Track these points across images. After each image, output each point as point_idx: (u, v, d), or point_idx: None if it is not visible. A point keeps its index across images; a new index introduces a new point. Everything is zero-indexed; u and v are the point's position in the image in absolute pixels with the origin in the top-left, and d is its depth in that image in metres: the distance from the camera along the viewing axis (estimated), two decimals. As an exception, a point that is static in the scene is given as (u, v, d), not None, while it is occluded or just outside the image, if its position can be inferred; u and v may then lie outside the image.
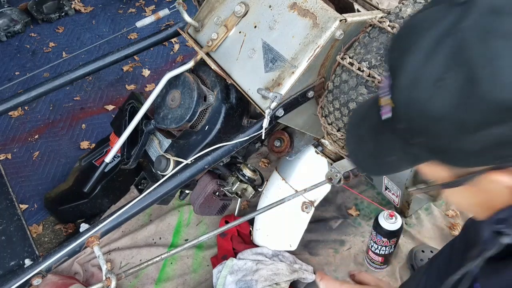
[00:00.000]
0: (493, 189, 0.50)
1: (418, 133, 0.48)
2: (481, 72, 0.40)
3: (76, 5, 2.99)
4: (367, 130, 0.58)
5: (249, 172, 1.44)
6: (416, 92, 0.45)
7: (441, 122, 0.44)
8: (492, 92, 0.40)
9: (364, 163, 0.60)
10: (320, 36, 1.05)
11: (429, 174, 0.55)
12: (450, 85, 0.42)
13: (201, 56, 1.24)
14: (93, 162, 1.75)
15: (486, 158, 0.46)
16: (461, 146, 0.45)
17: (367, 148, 0.58)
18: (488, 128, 0.42)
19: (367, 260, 1.57)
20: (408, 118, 0.48)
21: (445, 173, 0.51)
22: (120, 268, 1.62)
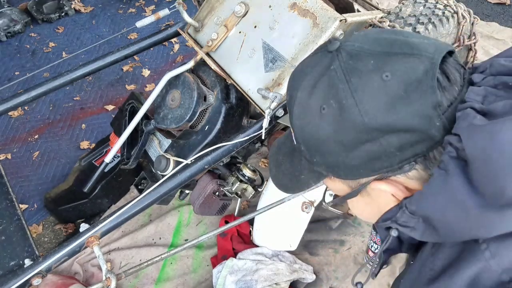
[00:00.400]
0: (381, 196, 0.58)
1: (314, 153, 0.57)
2: (347, 103, 0.50)
3: (76, 5, 2.99)
4: (283, 154, 0.69)
5: (249, 172, 1.44)
6: (305, 120, 0.56)
7: (327, 142, 0.54)
8: (357, 118, 0.50)
9: (284, 182, 0.70)
10: (320, 36, 1.05)
11: (333, 188, 0.64)
12: (328, 113, 0.52)
13: (201, 56, 1.24)
14: (93, 162, 1.75)
15: (365, 171, 0.55)
16: (346, 162, 0.54)
17: (285, 169, 0.69)
18: (361, 146, 0.52)
19: (367, 260, 1.57)
20: (303, 141, 0.58)
21: (343, 186, 0.61)
22: (120, 268, 1.62)
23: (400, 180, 0.55)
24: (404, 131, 0.50)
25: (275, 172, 0.72)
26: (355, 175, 0.57)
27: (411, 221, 0.55)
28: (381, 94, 0.49)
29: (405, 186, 0.56)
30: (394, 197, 0.57)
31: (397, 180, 0.55)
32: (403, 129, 0.50)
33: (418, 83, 0.49)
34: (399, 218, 0.56)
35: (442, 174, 0.49)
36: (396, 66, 0.50)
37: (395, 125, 0.49)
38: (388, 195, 0.57)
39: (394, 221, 0.57)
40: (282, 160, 0.70)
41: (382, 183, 0.56)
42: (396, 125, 0.49)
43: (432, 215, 0.51)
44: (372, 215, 0.64)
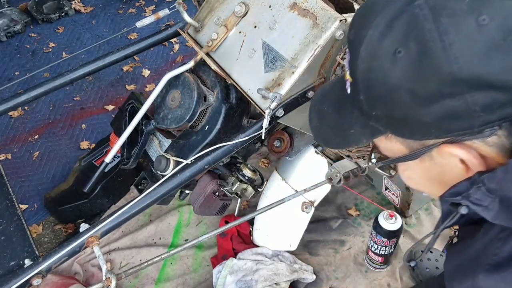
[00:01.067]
0: (446, 163, 0.51)
1: (376, 104, 0.50)
2: (433, 46, 0.43)
3: (76, 5, 2.99)
4: (330, 105, 0.61)
5: (249, 172, 1.44)
6: (374, 63, 0.48)
7: (397, 92, 0.47)
8: (444, 65, 0.43)
9: (326, 136, 0.62)
10: (320, 36, 1.05)
11: (386, 148, 0.57)
12: (405, 57, 0.45)
13: (201, 56, 1.24)
14: (93, 162, 1.75)
15: (438, 131, 0.48)
16: (415, 118, 0.47)
17: (330, 121, 0.61)
18: (439, 100, 0.44)
19: (367, 260, 1.57)
20: (366, 89, 0.51)
21: (401, 147, 0.54)
22: (120, 268, 1.62)
23: (476, 145, 0.48)
24: (496, 88, 0.43)
25: (317, 124, 0.64)
26: (423, 135, 0.49)
27: (486, 199, 0.48)
28: (475, 40, 0.42)
29: (480, 153, 0.49)
30: (463, 164, 0.50)
31: (472, 145, 0.48)
32: (495, 84, 0.42)
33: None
34: (472, 195, 0.49)
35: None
36: (495, 8, 0.42)
37: (487, 79, 0.42)
38: (457, 162, 0.50)
39: (465, 197, 0.50)
40: (327, 111, 0.62)
41: (454, 147, 0.49)
42: (488, 79, 0.42)
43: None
44: (428, 183, 0.58)
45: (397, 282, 1.52)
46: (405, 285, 1.52)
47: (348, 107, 0.56)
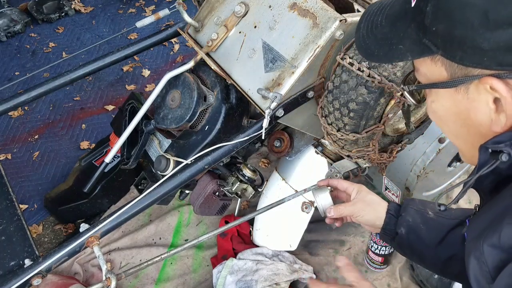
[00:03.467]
0: (479, 99, 0.51)
1: (441, 18, 0.49)
2: None
3: (76, 5, 2.99)
4: (386, 17, 0.59)
5: (249, 172, 1.44)
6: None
7: (468, 9, 0.46)
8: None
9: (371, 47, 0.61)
10: (320, 36, 1.05)
11: (427, 72, 0.56)
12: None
13: (201, 56, 1.24)
14: (93, 162, 1.75)
15: (490, 60, 0.47)
16: (474, 41, 0.46)
17: (380, 33, 0.59)
18: (508, 28, 0.44)
19: (367, 260, 1.57)
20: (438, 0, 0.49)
21: (443, 72, 0.53)
22: (120, 268, 1.62)
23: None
24: None
25: (365, 34, 0.62)
26: (474, 61, 0.48)
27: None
28: None
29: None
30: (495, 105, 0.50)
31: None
32: None
33: None
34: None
35: None
36: None
37: None
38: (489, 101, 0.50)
39: (508, 145, 0.50)
40: (380, 22, 0.60)
41: (498, 82, 0.48)
42: None
43: None
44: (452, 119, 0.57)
45: (397, 282, 1.52)
46: (405, 285, 1.52)
47: (406, 20, 0.55)
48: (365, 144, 1.18)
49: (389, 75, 1.00)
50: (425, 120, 1.28)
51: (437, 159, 1.48)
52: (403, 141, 1.28)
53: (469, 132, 0.56)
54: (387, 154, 1.25)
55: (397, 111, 1.13)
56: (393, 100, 1.07)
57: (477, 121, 0.53)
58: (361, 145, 1.18)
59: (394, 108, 1.09)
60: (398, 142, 1.28)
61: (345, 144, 1.19)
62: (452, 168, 1.62)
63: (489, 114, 0.51)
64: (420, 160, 1.48)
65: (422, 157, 1.48)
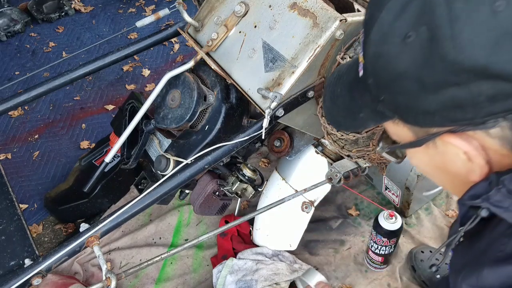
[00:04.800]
0: (449, 152, 0.51)
1: (384, 89, 0.50)
2: (442, 33, 0.42)
3: (76, 5, 2.99)
4: (343, 87, 0.61)
5: (249, 172, 1.44)
6: (384, 47, 0.48)
7: (404, 78, 0.47)
8: (451, 53, 0.42)
9: (338, 118, 0.63)
10: (320, 36, 1.05)
11: (394, 133, 0.57)
12: (415, 42, 0.44)
13: (201, 56, 1.24)
14: (93, 162, 1.75)
15: (441, 119, 0.48)
16: (420, 105, 0.47)
17: (342, 104, 0.61)
18: (445, 89, 0.44)
19: (367, 260, 1.57)
20: (375, 73, 0.50)
21: (408, 132, 0.54)
22: (120, 268, 1.62)
23: (478, 136, 0.48)
24: (503, 79, 0.42)
25: (330, 105, 0.64)
26: (426, 123, 0.49)
27: (507, 201, 0.47)
28: (486, 28, 0.41)
29: (482, 145, 0.48)
30: (466, 156, 0.50)
31: (474, 136, 0.48)
32: (503, 76, 0.41)
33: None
34: (492, 197, 0.48)
35: None
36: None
37: (494, 70, 0.41)
38: (459, 153, 0.50)
39: (485, 200, 0.49)
40: (340, 93, 0.61)
41: (456, 138, 0.48)
42: (495, 70, 0.41)
43: None
44: (434, 171, 0.58)
45: (397, 282, 1.52)
46: (405, 285, 1.52)
47: (360, 90, 0.56)
48: (365, 144, 1.18)
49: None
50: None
51: (437, 159, 1.48)
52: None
53: (453, 181, 0.56)
54: (387, 154, 1.25)
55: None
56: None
57: (456, 171, 0.53)
58: (361, 145, 1.18)
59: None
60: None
61: (345, 144, 1.19)
62: (452, 168, 1.62)
63: (464, 164, 0.51)
64: (420, 160, 1.48)
65: (422, 157, 1.48)
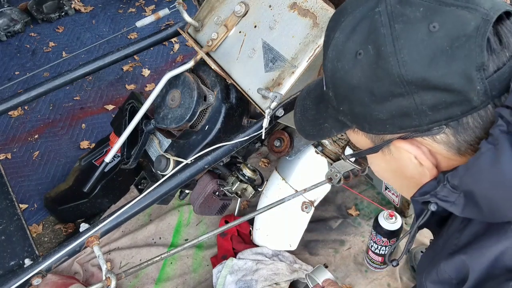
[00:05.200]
0: (403, 157, 0.55)
1: (341, 101, 0.56)
2: (386, 50, 0.48)
3: (76, 5, 2.99)
4: (311, 100, 0.67)
5: (249, 172, 1.44)
6: (339, 64, 0.53)
7: (357, 90, 0.52)
8: (394, 67, 0.47)
9: (306, 128, 0.68)
10: (320, 36, 1.05)
11: (355, 141, 0.62)
12: (364, 59, 0.50)
13: (201, 56, 1.24)
14: (93, 162, 1.75)
15: (392, 127, 0.52)
16: (373, 114, 0.52)
17: (310, 115, 0.67)
18: (391, 99, 0.49)
19: (367, 260, 1.57)
20: (333, 86, 0.56)
21: (366, 140, 0.59)
22: (120, 268, 1.62)
23: (426, 142, 0.52)
24: (441, 90, 0.47)
25: (300, 117, 0.70)
26: (380, 130, 0.54)
27: (452, 195, 0.52)
28: (424, 45, 0.46)
29: (430, 149, 0.53)
30: (416, 160, 0.54)
31: (423, 142, 0.52)
32: (440, 87, 0.47)
33: (466, 39, 0.45)
34: (439, 192, 0.53)
35: (491, 149, 0.46)
36: (446, 17, 0.46)
37: (432, 82, 0.46)
38: (411, 158, 0.54)
39: (433, 195, 0.54)
40: (308, 106, 0.68)
41: (406, 143, 0.53)
42: (434, 82, 0.46)
43: (477, 191, 0.49)
44: (391, 176, 0.62)
45: (397, 282, 1.52)
46: (405, 285, 1.52)
47: (324, 103, 0.62)
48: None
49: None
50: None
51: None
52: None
53: (409, 184, 0.60)
54: (387, 154, 1.25)
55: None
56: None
57: (410, 175, 0.57)
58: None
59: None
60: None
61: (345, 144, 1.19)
62: (452, 168, 1.62)
63: (416, 168, 0.55)
64: (420, 160, 1.48)
65: (422, 157, 1.48)
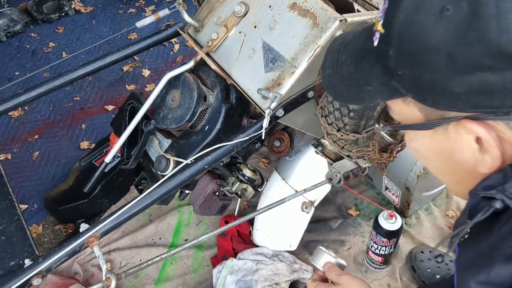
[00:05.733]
0: (460, 140, 0.48)
1: (405, 62, 0.47)
2: (486, 10, 0.39)
3: (76, 5, 2.99)
4: (349, 55, 0.56)
5: (249, 172, 1.44)
6: (417, 17, 0.44)
7: (434, 53, 0.43)
8: (492, 33, 0.39)
9: (338, 88, 0.57)
10: (320, 36, 1.05)
11: (400, 112, 0.54)
12: (453, 17, 0.41)
13: (201, 56, 1.24)
14: (93, 162, 1.75)
15: (464, 104, 0.45)
16: (444, 85, 0.44)
17: (346, 73, 0.56)
18: (477, 71, 0.42)
19: (367, 260, 1.57)
20: (399, 44, 0.47)
21: (417, 113, 0.50)
22: (120, 268, 1.62)
23: (498, 127, 0.45)
24: None
25: (330, 73, 0.58)
26: (446, 106, 0.46)
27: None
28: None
29: (499, 136, 0.46)
30: (478, 144, 0.47)
31: (495, 127, 0.46)
32: None
33: None
34: (508, 189, 0.46)
35: None
36: None
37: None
38: (471, 141, 0.47)
39: (500, 191, 0.47)
40: (344, 61, 0.56)
41: (476, 124, 0.45)
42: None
43: None
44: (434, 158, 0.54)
45: (397, 282, 1.52)
46: (405, 285, 1.52)
47: (370, 60, 0.52)
48: (365, 144, 1.18)
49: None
50: (425, 120, 1.28)
51: (437, 159, 1.48)
52: (403, 141, 1.28)
53: (454, 169, 0.53)
54: (387, 154, 1.25)
55: (397, 111, 1.13)
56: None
57: (461, 160, 0.50)
58: (361, 145, 1.18)
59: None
60: (398, 142, 1.28)
61: (345, 144, 1.19)
62: (452, 168, 1.62)
63: (473, 153, 0.49)
64: (420, 160, 1.48)
65: (422, 157, 1.48)
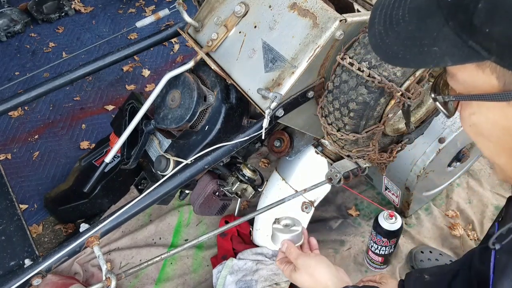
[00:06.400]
0: None
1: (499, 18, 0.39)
2: None
3: (76, 5, 2.99)
4: (409, 11, 0.48)
5: (249, 172, 1.44)
6: None
7: None
8: None
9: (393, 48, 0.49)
10: (320, 36, 1.05)
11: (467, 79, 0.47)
12: None
13: (201, 56, 1.24)
14: (93, 162, 1.75)
15: None
16: None
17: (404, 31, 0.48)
18: None
19: (367, 260, 1.57)
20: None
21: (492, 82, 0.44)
22: (120, 268, 1.62)
23: None
24: None
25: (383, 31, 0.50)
26: None
27: None
28: None
29: None
30: None
31: None
32: None
33: None
34: None
35: None
36: None
37: None
38: None
39: None
40: (402, 17, 0.48)
41: None
42: None
43: None
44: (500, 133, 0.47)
45: (397, 282, 1.52)
46: (405, 285, 1.52)
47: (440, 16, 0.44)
48: (365, 144, 1.18)
49: (389, 75, 1.00)
50: (425, 120, 1.28)
51: (437, 159, 1.48)
52: (403, 141, 1.28)
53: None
54: (387, 154, 1.25)
55: (397, 111, 1.13)
56: (393, 100, 1.07)
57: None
58: (361, 145, 1.18)
59: (394, 108, 1.09)
60: (398, 142, 1.28)
61: (345, 144, 1.19)
62: (452, 168, 1.62)
63: None
64: (420, 160, 1.48)
65: (422, 157, 1.48)
